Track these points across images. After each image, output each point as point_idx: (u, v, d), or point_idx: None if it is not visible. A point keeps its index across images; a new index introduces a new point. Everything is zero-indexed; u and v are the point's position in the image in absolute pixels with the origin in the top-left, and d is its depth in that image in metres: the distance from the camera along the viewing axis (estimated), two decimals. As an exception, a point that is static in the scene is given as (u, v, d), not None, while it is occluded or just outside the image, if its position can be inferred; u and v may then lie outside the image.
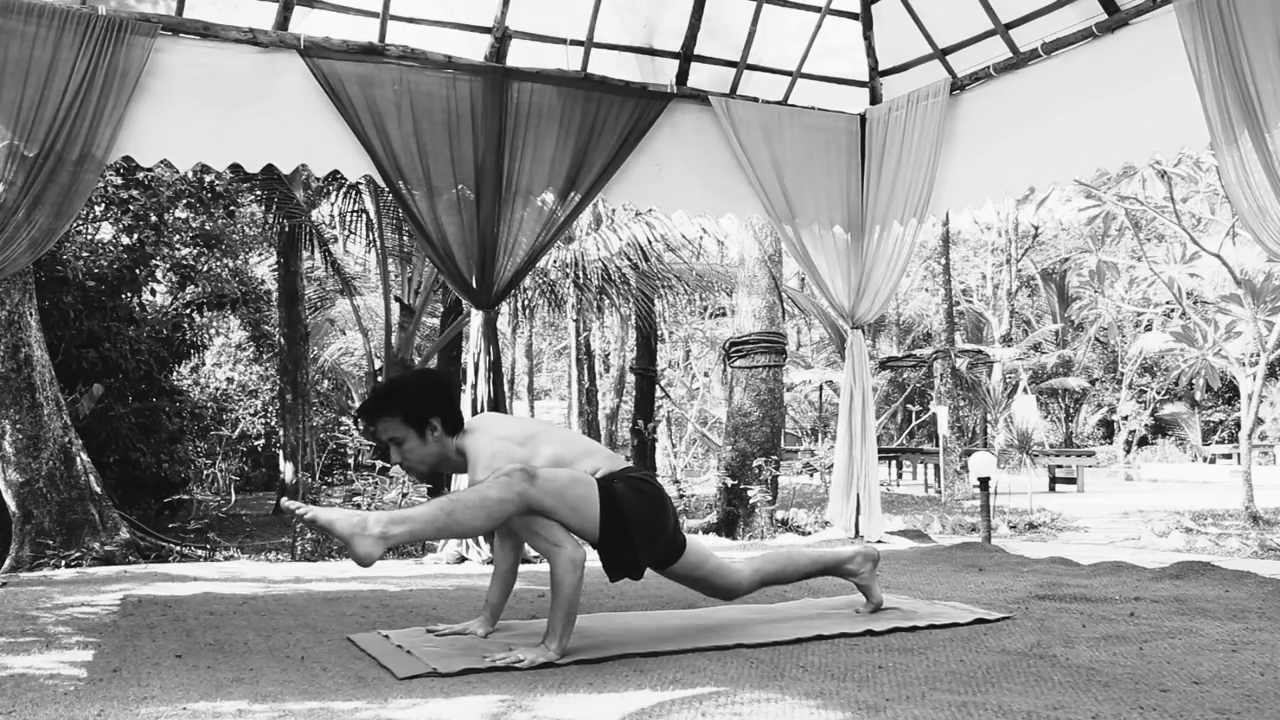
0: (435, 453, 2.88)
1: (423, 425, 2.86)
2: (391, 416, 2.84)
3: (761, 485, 9.34)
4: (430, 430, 2.86)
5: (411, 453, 2.86)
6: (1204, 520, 10.31)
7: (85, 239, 9.97)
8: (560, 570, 2.82)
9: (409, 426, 2.85)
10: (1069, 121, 5.53)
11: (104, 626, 3.40)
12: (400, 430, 2.85)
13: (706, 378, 26.31)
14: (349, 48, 5.45)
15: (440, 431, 2.88)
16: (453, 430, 2.91)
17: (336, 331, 20.81)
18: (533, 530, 2.84)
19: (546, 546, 2.85)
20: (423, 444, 2.86)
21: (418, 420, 2.85)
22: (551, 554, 2.84)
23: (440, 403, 2.89)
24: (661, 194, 6.37)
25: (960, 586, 4.36)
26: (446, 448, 2.90)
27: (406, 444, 2.86)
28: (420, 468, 2.91)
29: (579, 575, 2.84)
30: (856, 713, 2.27)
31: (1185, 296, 18.75)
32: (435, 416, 2.87)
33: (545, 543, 2.85)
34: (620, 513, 2.91)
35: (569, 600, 2.83)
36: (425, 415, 2.86)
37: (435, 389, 2.93)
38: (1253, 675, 2.60)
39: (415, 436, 2.86)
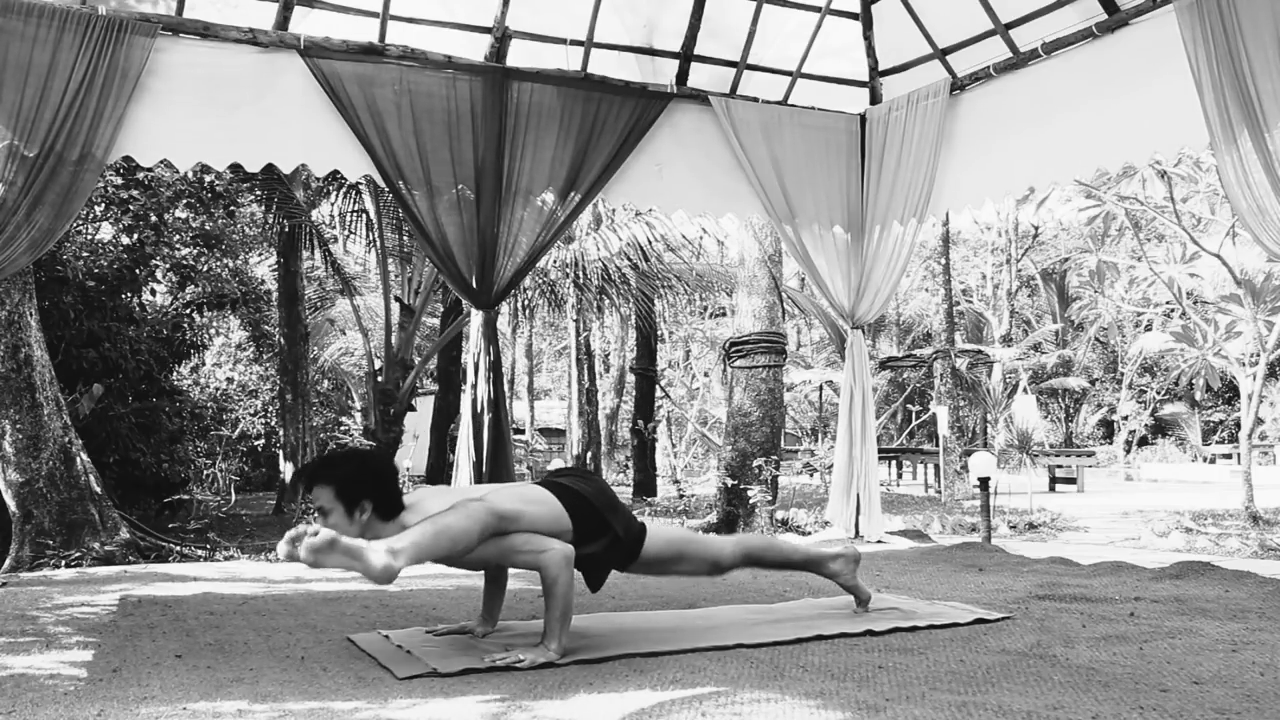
0: (358, 534, 2.77)
1: (353, 504, 2.78)
2: (325, 486, 2.79)
3: (761, 485, 9.34)
4: (360, 511, 2.79)
5: (335, 528, 2.76)
6: (1204, 520, 10.31)
7: (85, 239, 9.97)
8: (552, 569, 2.83)
9: (339, 500, 2.78)
10: (1069, 121, 5.53)
11: (104, 626, 3.40)
12: (330, 502, 2.78)
13: (706, 378, 26.31)
14: (349, 48, 5.46)
15: (370, 515, 2.80)
16: (388, 515, 2.83)
17: (336, 331, 20.82)
18: (514, 549, 2.85)
19: (531, 557, 2.85)
20: (348, 522, 2.78)
21: (349, 497, 2.78)
22: (539, 560, 2.84)
23: (377, 486, 2.82)
24: (661, 194, 6.37)
25: (960, 586, 4.36)
26: (375, 531, 2.81)
27: (332, 517, 2.78)
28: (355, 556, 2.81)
29: (570, 572, 2.86)
30: (856, 713, 2.26)
31: (1185, 296, 18.75)
32: (368, 499, 2.80)
33: (529, 554, 2.85)
34: (574, 490, 3.02)
35: (563, 598, 2.84)
36: (358, 494, 2.79)
37: (376, 472, 2.86)
38: (1253, 675, 2.60)
39: (343, 512, 2.78)
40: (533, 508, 2.91)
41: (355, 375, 21.09)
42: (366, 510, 2.79)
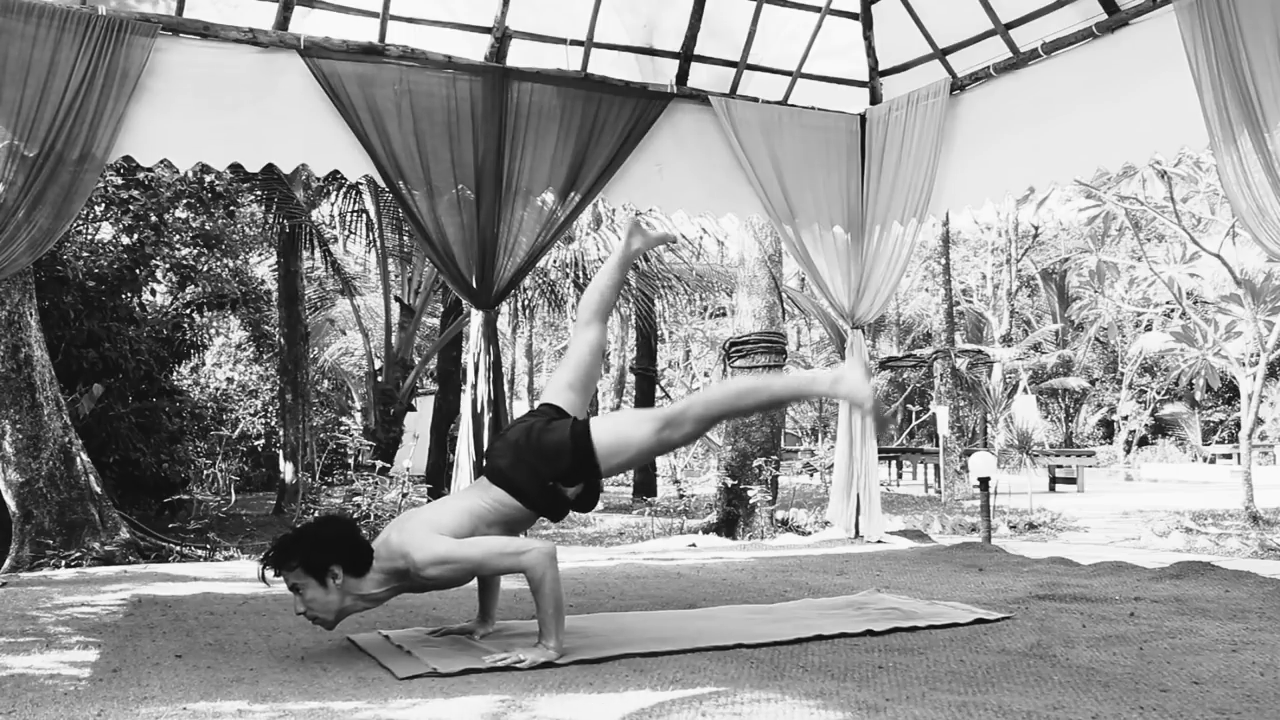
0: (338, 600, 2.83)
1: (322, 573, 2.81)
2: (291, 567, 2.81)
3: (761, 485, 9.34)
4: (332, 578, 2.82)
5: (314, 602, 2.81)
6: (1204, 520, 10.31)
7: (85, 239, 9.97)
8: (536, 569, 2.82)
9: (309, 576, 2.81)
10: (1069, 121, 5.53)
11: (104, 626, 3.40)
12: (301, 579, 2.81)
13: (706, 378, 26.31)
14: (349, 48, 5.46)
15: (343, 578, 2.83)
16: (359, 570, 2.86)
17: (336, 331, 20.81)
18: (495, 554, 2.86)
19: (513, 561, 2.85)
20: (325, 592, 2.81)
21: (317, 569, 2.81)
22: (521, 562, 2.84)
23: (339, 550, 2.84)
24: (661, 194, 6.37)
25: (960, 586, 4.36)
26: (356, 590, 2.86)
27: (308, 593, 2.81)
28: (326, 616, 2.85)
29: (555, 568, 2.85)
30: (856, 713, 2.26)
31: (1185, 296, 18.75)
32: (335, 564, 2.82)
33: (511, 558, 2.85)
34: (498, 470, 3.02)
35: (553, 594, 2.84)
36: (325, 564, 2.81)
37: (334, 537, 2.87)
38: (1253, 675, 2.60)
39: (316, 585, 2.81)
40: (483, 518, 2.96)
41: (355, 375, 21.08)
42: (338, 576, 2.83)
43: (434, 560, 2.83)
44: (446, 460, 11.90)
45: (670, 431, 2.95)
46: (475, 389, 5.77)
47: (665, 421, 2.95)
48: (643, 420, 3.00)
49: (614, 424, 3.05)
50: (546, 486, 3.00)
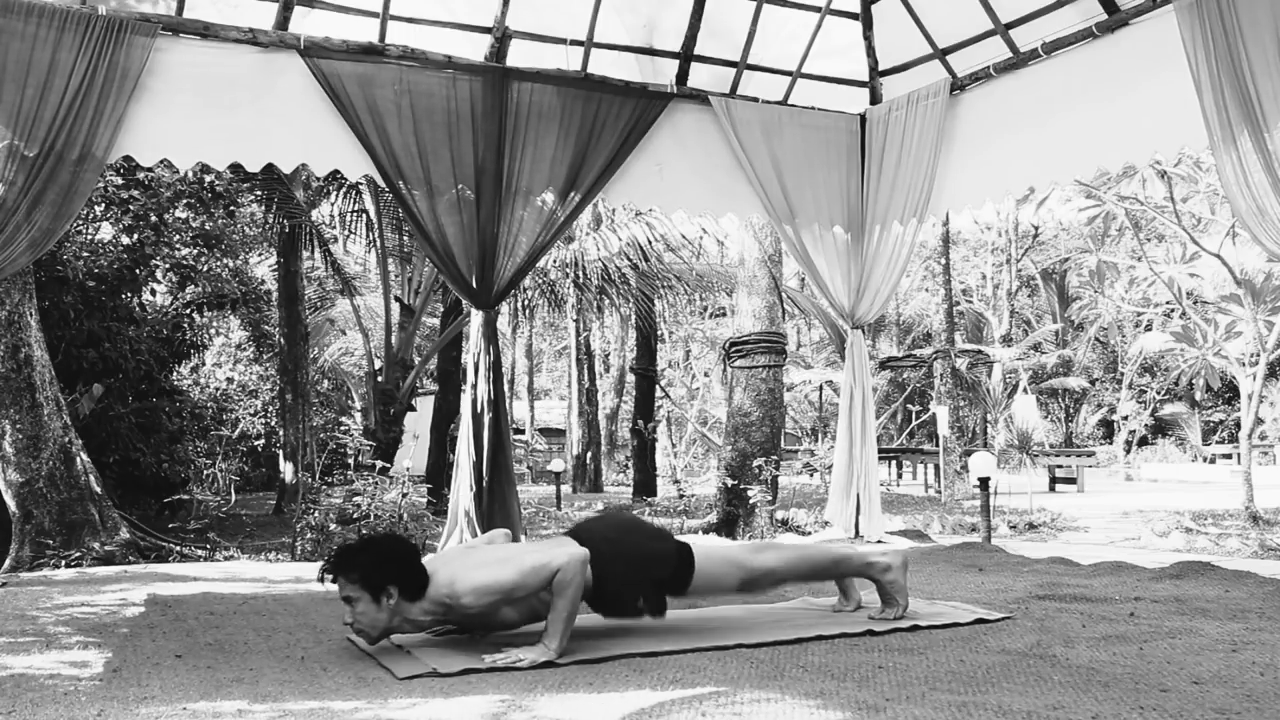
0: (386, 619, 2.88)
1: (379, 591, 2.85)
2: (349, 578, 2.86)
3: (761, 485, 9.34)
4: (387, 597, 2.86)
5: (364, 615, 2.86)
6: (1204, 520, 10.31)
7: (85, 239, 9.97)
8: (568, 570, 2.86)
9: (365, 590, 2.85)
10: (1069, 121, 5.53)
11: (104, 626, 3.40)
12: (356, 591, 2.86)
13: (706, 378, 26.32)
14: (349, 48, 5.45)
15: (397, 599, 2.87)
16: (414, 595, 2.90)
17: (336, 331, 20.81)
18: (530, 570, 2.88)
19: (548, 575, 2.88)
20: (376, 609, 2.86)
21: (374, 586, 2.85)
22: (553, 567, 2.87)
23: (400, 572, 2.89)
24: (661, 194, 6.37)
25: (960, 586, 4.36)
26: (404, 611, 2.90)
27: (359, 606, 2.86)
28: (371, 631, 2.89)
29: (582, 576, 2.89)
30: (856, 713, 2.26)
31: (1185, 296, 18.75)
32: (393, 585, 2.87)
33: (546, 571, 2.88)
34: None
35: (571, 600, 2.86)
36: (383, 582, 2.86)
37: (398, 558, 2.92)
38: (1253, 675, 2.60)
39: (370, 600, 2.85)
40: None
41: (355, 375, 21.08)
42: (393, 596, 2.87)
43: (474, 590, 2.87)
44: (446, 460, 11.90)
45: (750, 587, 3.30)
46: (475, 389, 5.76)
47: (751, 576, 3.26)
48: (736, 565, 3.25)
49: (711, 562, 3.21)
50: (633, 581, 3.05)
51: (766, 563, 3.30)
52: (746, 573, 3.24)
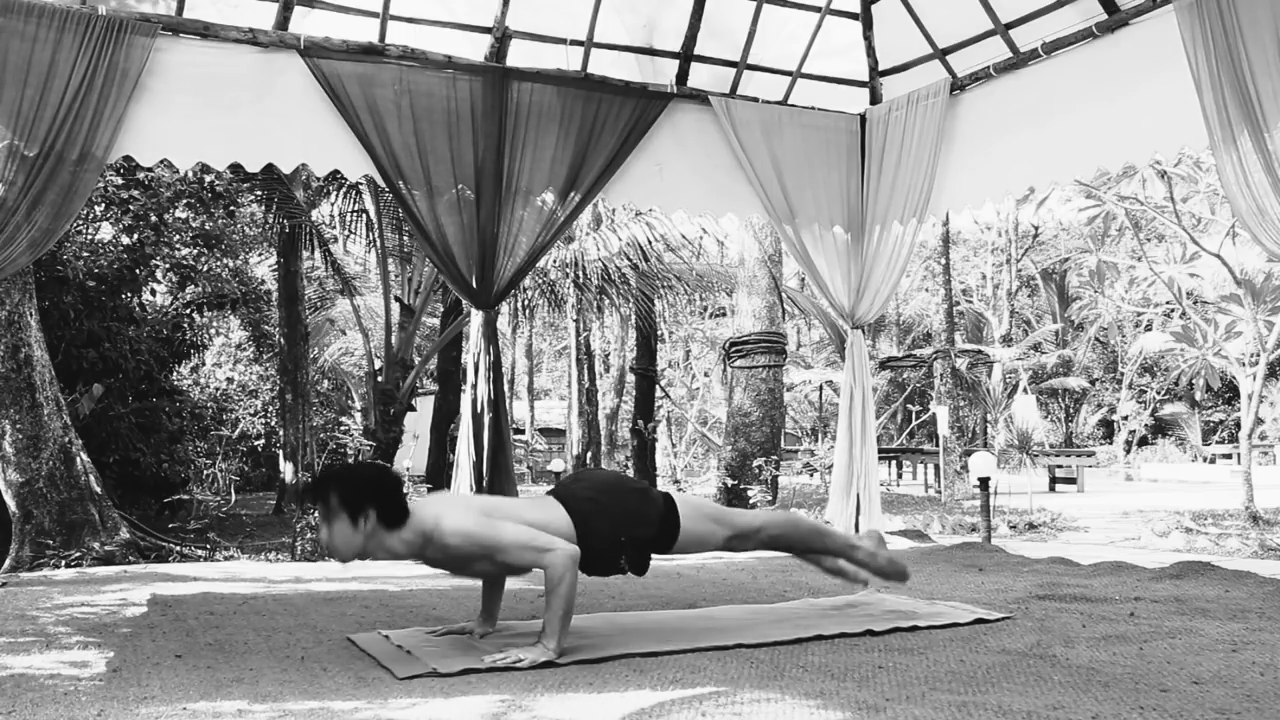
0: (361, 541, 2.86)
1: (356, 512, 2.84)
2: (329, 496, 2.86)
3: (761, 485, 9.35)
4: (363, 519, 2.85)
5: (336, 535, 2.84)
6: (1204, 520, 10.31)
7: (85, 239, 9.97)
8: (558, 569, 2.84)
9: (343, 509, 2.84)
10: (1069, 121, 5.53)
11: (104, 626, 3.40)
12: (336, 516, 2.85)
13: (706, 378, 26.32)
14: (349, 48, 5.45)
15: (374, 523, 2.86)
16: (392, 523, 2.88)
17: (336, 331, 20.81)
18: (519, 545, 2.87)
19: (534, 558, 2.87)
20: (352, 530, 2.84)
21: (352, 507, 2.85)
22: (543, 560, 2.86)
23: (379, 496, 2.88)
24: (662, 194, 6.37)
25: (960, 586, 4.36)
26: (381, 539, 2.88)
27: (336, 525, 2.85)
28: (345, 554, 2.88)
29: (575, 573, 2.87)
30: (856, 713, 2.26)
31: (1185, 296, 18.75)
32: (371, 507, 2.86)
33: (534, 553, 2.87)
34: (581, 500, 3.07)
35: (566, 598, 2.85)
36: (362, 504, 2.85)
37: (379, 484, 2.92)
38: (1253, 675, 2.60)
39: (347, 521, 2.84)
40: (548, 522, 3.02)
41: (355, 375, 21.08)
42: (370, 519, 2.85)
43: (460, 532, 2.85)
44: (446, 460, 11.91)
45: (737, 543, 3.24)
46: (475, 389, 5.77)
47: (739, 533, 3.22)
48: (721, 522, 3.21)
49: (698, 516, 3.18)
50: (617, 540, 3.03)
51: (755, 521, 3.29)
52: (732, 529, 3.20)
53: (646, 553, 3.11)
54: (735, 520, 3.24)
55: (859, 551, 3.42)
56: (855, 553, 3.42)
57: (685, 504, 3.19)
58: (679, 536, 3.10)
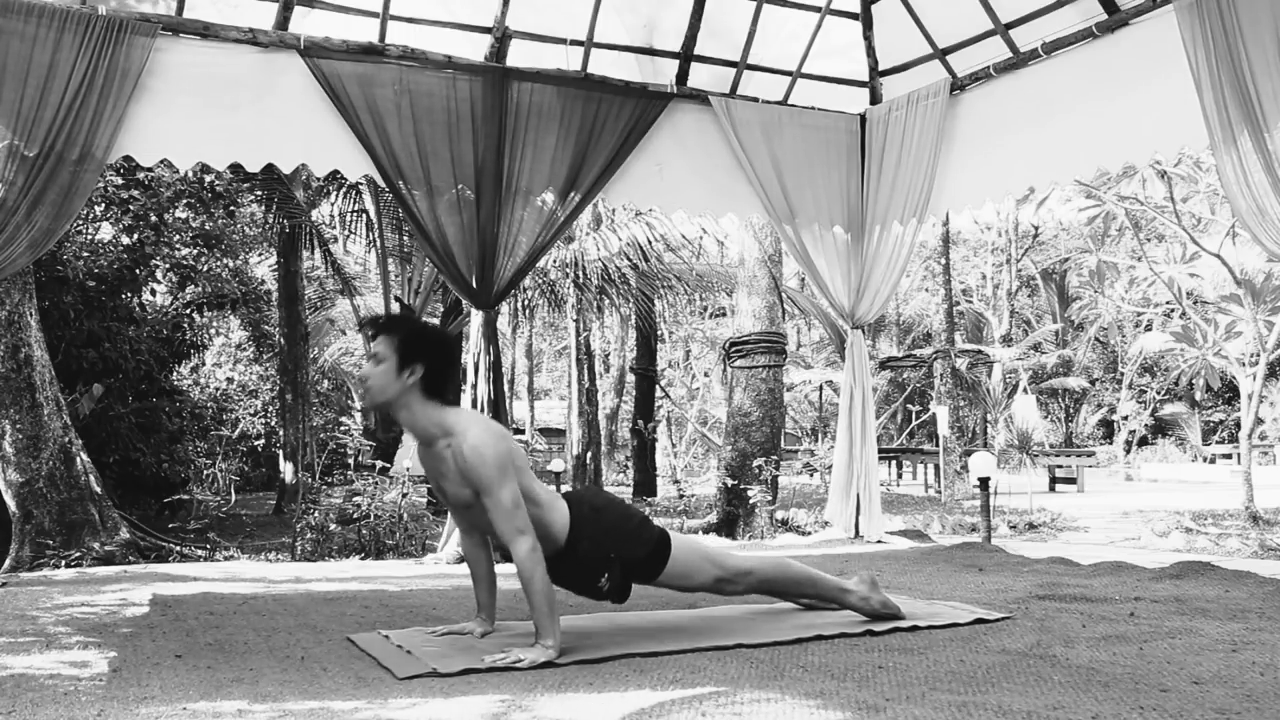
0: (396, 392, 2.85)
1: (406, 362, 2.85)
2: (390, 336, 2.87)
3: (761, 485, 9.34)
4: (409, 372, 2.85)
5: (379, 376, 2.85)
6: (1204, 520, 10.31)
7: (85, 239, 9.97)
8: (526, 564, 2.82)
9: (395, 354, 2.85)
10: (1069, 121, 5.53)
11: (104, 626, 3.40)
12: (386, 352, 2.85)
13: (706, 378, 26.32)
14: (349, 48, 5.45)
15: (416, 381, 2.85)
16: (430, 392, 2.88)
17: (336, 331, 20.82)
18: (511, 509, 2.83)
19: (510, 529, 2.82)
20: (394, 377, 2.84)
21: (406, 354, 2.85)
22: (514, 540, 2.82)
23: (434, 358, 2.88)
24: (662, 194, 6.37)
25: (960, 586, 4.36)
26: (412, 401, 2.87)
27: (381, 366, 2.85)
28: (375, 395, 2.87)
29: (541, 565, 2.85)
30: (856, 713, 2.26)
31: (1185, 296, 18.75)
32: (421, 363, 2.86)
33: (511, 526, 2.82)
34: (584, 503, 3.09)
35: (543, 592, 2.84)
36: (414, 356, 2.86)
37: (441, 345, 2.94)
38: (1253, 675, 2.60)
39: (394, 366, 2.84)
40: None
41: (355, 375, 21.08)
42: (416, 374, 2.86)
43: (479, 450, 2.81)
44: (446, 460, 11.87)
45: (726, 585, 3.22)
46: (475, 389, 5.77)
47: (728, 575, 3.20)
48: (712, 563, 3.20)
49: (690, 553, 3.18)
50: (606, 555, 3.01)
51: (744, 564, 3.26)
52: (723, 570, 3.19)
53: (631, 578, 3.10)
54: (725, 562, 3.22)
55: (851, 596, 3.37)
56: (847, 598, 3.38)
57: (679, 539, 3.19)
58: (667, 563, 3.09)
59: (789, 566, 3.39)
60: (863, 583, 3.42)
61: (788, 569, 3.36)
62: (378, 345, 2.88)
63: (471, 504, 2.94)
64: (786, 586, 3.35)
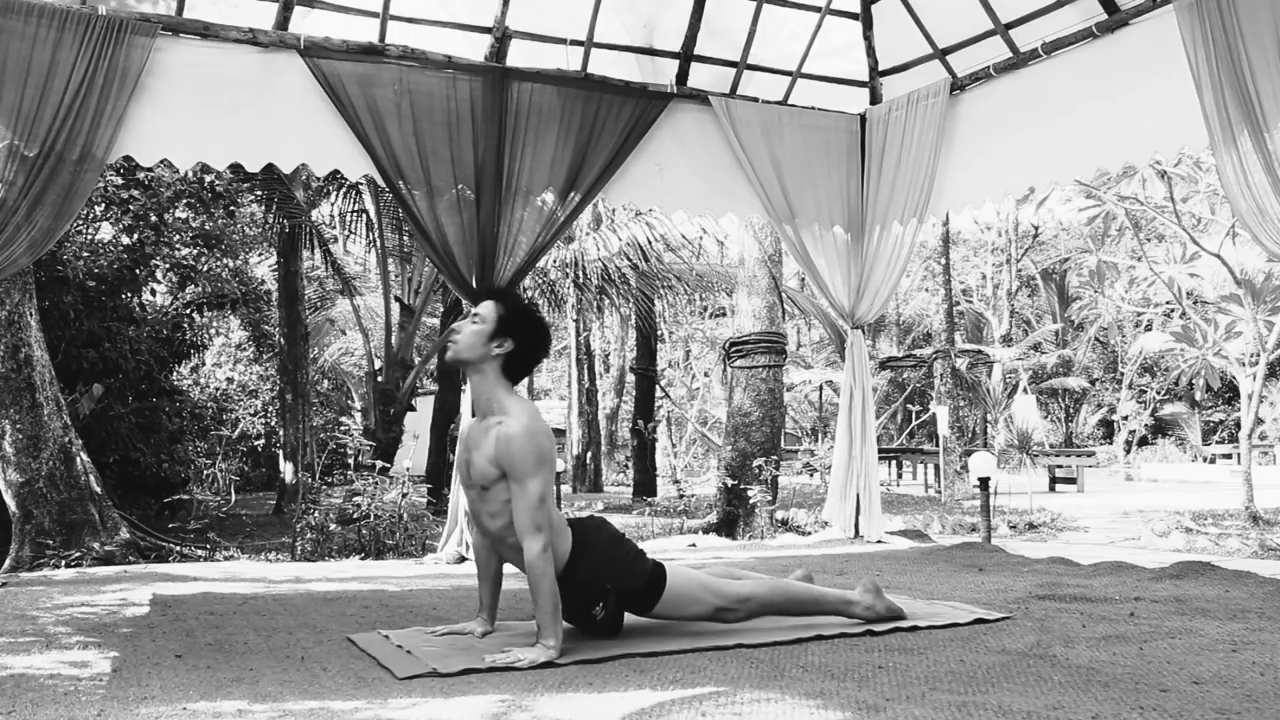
0: (479, 356, 2.96)
1: (501, 333, 2.97)
2: (497, 304, 3.01)
3: (761, 485, 9.34)
4: (498, 344, 2.96)
5: (469, 336, 2.97)
6: (1204, 520, 10.31)
7: (85, 239, 9.97)
8: (538, 565, 2.83)
9: (495, 322, 2.97)
10: (1069, 121, 5.53)
11: (104, 626, 3.40)
12: (488, 316, 2.98)
13: (706, 378, 26.32)
14: (349, 48, 5.45)
15: (499, 354, 2.96)
16: (507, 370, 2.99)
17: (336, 331, 20.82)
18: (534, 507, 2.85)
19: (530, 526, 2.84)
20: (483, 343, 2.96)
21: (503, 325, 2.98)
22: (529, 538, 2.83)
23: (526, 340, 2.99)
24: (662, 194, 6.37)
25: (960, 586, 4.36)
26: (489, 370, 2.97)
27: (476, 329, 2.97)
28: (459, 351, 2.98)
29: (553, 567, 2.87)
30: (856, 713, 2.26)
31: (1185, 296, 18.75)
32: (512, 340, 2.97)
33: (531, 525, 2.84)
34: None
35: (550, 592, 2.85)
36: (510, 331, 2.97)
37: (536, 330, 3.04)
38: (1253, 675, 2.60)
39: (488, 334, 2.96)
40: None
41: (355, 375, 21.09)
42: (504, 347, 2.97)
43: (522, 439, 2.86)
44: (446, 460, 11.90)
45: (727, 613, 3.20)
46: (475, 389, 5.76)
47: (728, 603, 3.19)
48: (710, 592, 3.19)
49: (686, 583, 3.18)
50: (603, 587, 3.03)
51: (743, 590, 3.23)
52: (721, 598, 3.17)
53: (627, 609, 3.10)
54: (723, 589, 3.20)
55: (855, 607, 3.35)
56: (852, 609, 3.35)
57: (675, 570, 3.19)
58: (663, 594, 3.09)
59: (789, 588, 3.34)
60: (866, 591, 3.39)
61: (788, 590, 3.33)
62: (482, 308, 3.00)
63: (487, 488, 2.95)
64: (788, 607, 3.31)
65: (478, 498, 3.02)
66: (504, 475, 2.91)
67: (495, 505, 2.97)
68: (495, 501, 2.96)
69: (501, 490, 2.94)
